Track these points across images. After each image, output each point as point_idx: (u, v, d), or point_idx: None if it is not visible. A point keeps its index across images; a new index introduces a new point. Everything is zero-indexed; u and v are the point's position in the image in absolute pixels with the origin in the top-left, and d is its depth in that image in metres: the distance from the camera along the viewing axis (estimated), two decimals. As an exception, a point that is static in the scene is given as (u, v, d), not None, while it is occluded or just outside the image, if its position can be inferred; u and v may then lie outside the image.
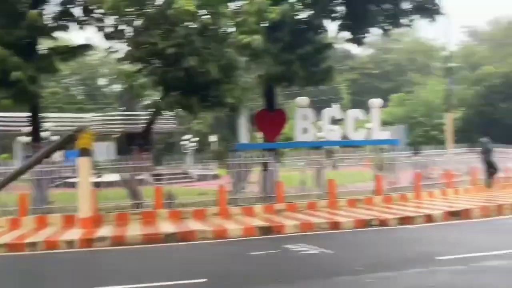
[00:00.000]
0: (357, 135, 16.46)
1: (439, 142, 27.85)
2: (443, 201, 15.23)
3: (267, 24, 13.10)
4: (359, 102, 52.05)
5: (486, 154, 18.04)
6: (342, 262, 7.88)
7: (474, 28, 75.66)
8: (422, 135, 44.64)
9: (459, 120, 45.76)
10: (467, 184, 17.95)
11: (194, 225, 11.83)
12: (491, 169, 18.08)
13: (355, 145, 16.59)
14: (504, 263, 7.31)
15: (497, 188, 18.15)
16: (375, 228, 11.52)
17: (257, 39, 11.96)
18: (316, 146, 16.22)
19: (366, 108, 17.73)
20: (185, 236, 10.76)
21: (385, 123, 39.66)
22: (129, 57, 12.54)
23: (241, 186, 14.61)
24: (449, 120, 25.75)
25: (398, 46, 74.74)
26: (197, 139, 47.04)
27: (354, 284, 6.46)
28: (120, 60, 12.86)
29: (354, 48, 72.92)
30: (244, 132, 15.36)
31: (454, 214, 12.69)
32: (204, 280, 6.82)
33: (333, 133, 16.84)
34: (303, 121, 15.88)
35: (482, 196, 16.17)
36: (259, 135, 20.16)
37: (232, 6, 13.34)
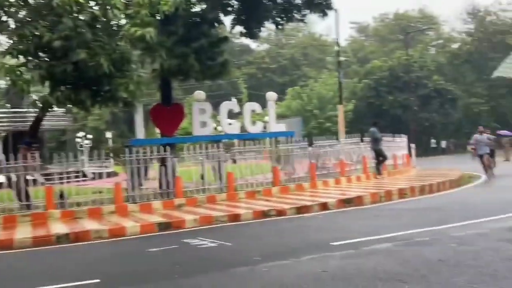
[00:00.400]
0: (255, 128, 16.71)
1: (332, 133, 28.99)
2: (337, 190, 15.88)
3: (160, 17, 12.86)
4: (257, 96, 52.88)
5: (375, 143, 19.02)
6: (240, 253, 7.94)
7: (362, 24, 79.54)
8: (316, 127, 46.28)
9: (350, 112, 47.96)
10: (359, 173, 18.85)
11: (88, 224, 11.40)
12: (380, 157, 19.09)
13: (253, 138, 16.82)
14: (390, 245, 7.74)
15: (385, 175, 19.23)
16: (273, 219, 11.75)
17: (150, 32, 11.69)
18: (214, 140, 16.25)
19: (264, 101, 18.03)
20: (79, 236, 10.34)
21: (282, 116, 40.70)
22: (13, 51, 11.76)
23: (139, 183, 14.29)
24: (340, 112, 26.85)
25: (292, 41, 76.71)
26: (91, 136, 45.40)
27: (251, 273, 6.54)
28: (2, 53, 12.04)
29: (251, 43, 73.93)
30: (140, 128, 15.01)
31: (347, 202, 13.26)
32: (97, 280, 6.57)
33: (232, 127, 16.98)
34: (201, 115, 15.85)
35: (373, 183, 17.07)
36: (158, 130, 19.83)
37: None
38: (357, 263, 6.71)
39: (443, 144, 54.38)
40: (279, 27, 17.74)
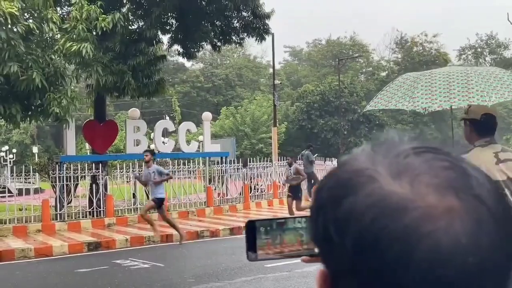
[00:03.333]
0: (190, 148, 16.67)
1: (265, 155, 29.32)
2: (269, 211, 16.07)
3: (97, 32, 12.70)
4: (191, 115, 52.73)
5: (308, 166, 19.41)
6: (173, 275, 7.89)
7: (295, 48, 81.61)
8: (249, 147, 46.60)
9: (283, 134, 48.73)
10: (291, 194, 19.10)
11: (13, 243, 10.93)
12: (312, 180, 19.49)
13: (187, 157, 16.76)
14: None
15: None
16: (206, 240, 11.73)
17: (86, 47, 11.52)
18: (148, 158, 16.03)
19: (197, 120, 18.05)
20: (2, 255, 9.89)
21: (215, 135, 40.76)
22: None
23: (68, 200, 13.86)
24: (274, 134, 27.23)
25: (227, 61, 77.34)
26: (15, 150, 43.58)
27: (186, 296, 6.53)
28: None
29: (186, 61, 73.75)
30: (71, 144, 14.62)
31: (279, 223, 13.42)
32: (26, 302, 6.34)
33: (166, 146, 16.86)
34: (135, 133, 15.65)
35: (305, 205, 17.34)
36: (88, 146, 19.35)
37: (60, 11, 12.68)
38: (290, 285, 6.84)
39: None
40: (217, 48, 17.91)
